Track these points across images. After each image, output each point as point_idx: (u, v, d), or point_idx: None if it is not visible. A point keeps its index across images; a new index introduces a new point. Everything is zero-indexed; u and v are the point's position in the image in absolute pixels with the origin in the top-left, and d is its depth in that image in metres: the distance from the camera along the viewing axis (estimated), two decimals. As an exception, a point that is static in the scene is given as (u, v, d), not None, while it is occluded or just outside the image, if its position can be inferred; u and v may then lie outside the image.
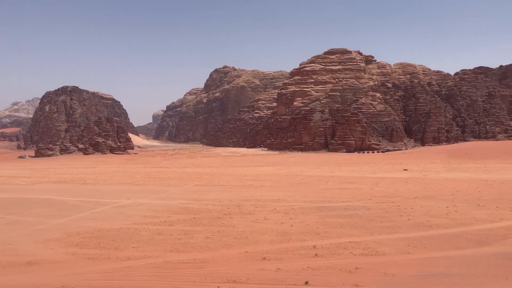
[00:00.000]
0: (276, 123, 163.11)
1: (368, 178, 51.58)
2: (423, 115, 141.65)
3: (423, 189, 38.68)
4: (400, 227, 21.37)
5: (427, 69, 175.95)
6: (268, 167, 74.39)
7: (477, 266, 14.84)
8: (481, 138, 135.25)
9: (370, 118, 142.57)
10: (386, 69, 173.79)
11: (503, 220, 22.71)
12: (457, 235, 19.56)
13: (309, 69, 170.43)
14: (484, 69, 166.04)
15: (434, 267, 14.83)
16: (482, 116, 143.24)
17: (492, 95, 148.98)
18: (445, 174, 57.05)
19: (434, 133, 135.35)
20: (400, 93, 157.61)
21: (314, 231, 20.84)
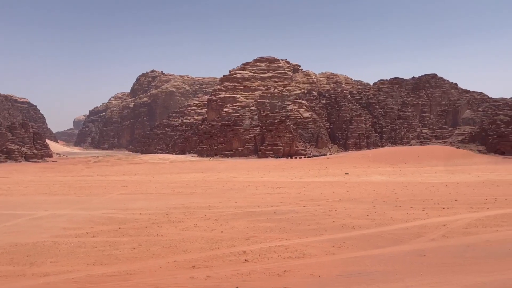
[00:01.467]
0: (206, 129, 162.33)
1: (296, 182, 53.21)
2: (346, 122, 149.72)
3: (346, 192, 40.75)
4: (326, 229, 22.28)
5: (349, 78, 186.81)
6: (198, 174, 73.63)
7: (395, 263, 15.92)
8: (397, 143, 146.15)
9: (297, 125, 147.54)
10: (312, 78, 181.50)
11: (416, 220, 24.66)
12: (376, 235, 20.85)
13: (239, 76, 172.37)
14: (399, 80, 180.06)
15: (356, 266, 15.64)
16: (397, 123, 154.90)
17: (406, 104, 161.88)
18: (365, 177, 60.72)
19: (356, 139, 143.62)
20: (324, 101, 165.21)
21: (244, 236, 20.96)
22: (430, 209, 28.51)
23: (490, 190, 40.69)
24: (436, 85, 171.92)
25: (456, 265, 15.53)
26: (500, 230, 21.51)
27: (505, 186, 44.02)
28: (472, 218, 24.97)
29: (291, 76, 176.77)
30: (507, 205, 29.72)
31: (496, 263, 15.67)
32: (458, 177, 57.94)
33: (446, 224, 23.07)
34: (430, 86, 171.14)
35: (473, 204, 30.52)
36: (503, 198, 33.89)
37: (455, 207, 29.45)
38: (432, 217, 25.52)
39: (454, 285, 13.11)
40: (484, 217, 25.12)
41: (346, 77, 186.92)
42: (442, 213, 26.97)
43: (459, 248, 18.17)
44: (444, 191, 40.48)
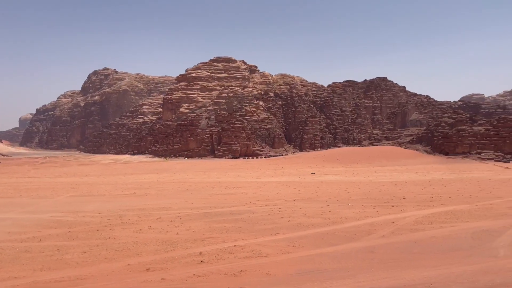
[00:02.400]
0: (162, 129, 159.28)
1: (252, 182, 53.46)
2: (301, 123, 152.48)
3: (301, 191, 41.48)
4: (281, 229, 22.57)
5: (305, 80, 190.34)
6: (153, 175, 72.09)
7: (347, 260, 16.42)
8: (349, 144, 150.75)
9: (254, 125, 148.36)
10: (268, 79, 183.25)
11: (367, 218, 25.56)
12: (330, 233, 21.40)
13: (196, 76, 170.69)
14: (352, 82, 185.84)
15: (311, 264, 15.97)
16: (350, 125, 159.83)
17: (358, 106, 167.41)
18: (320, 177, 62.12)
19: (311, 140, 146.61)
20: (281, 102, 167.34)
21: (200, 237, 20.79)
22: (381, 207, 29.66)
23: (435, 188, 42.98)
24: (387, 88, 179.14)
25: (404, 261, 16.26)
26: (445, 226, 22.77)
27: (449, 185, 46.68)
28: (419, 215, 26.25)
29: (248, 77, 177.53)
30: (450, 203, 31.51)
31: (441, 258, 16.58)
32: (406, 176, 60.69)
33: (395, 222, 24.10)
34: (381, 89, 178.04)
35: (420, 202, 32.10)
36: (447, 196, 35.91)
37: (404, 205, 30.83)
38: (382, 215, 26.57)
39: (402, 280, 13.72)
40: (430, 214, 26.49)
41: (301, 79, 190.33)
42: (392, 211, 28.14)
43: (407, 244, 19.04)
44: (394, 189, 42.26)
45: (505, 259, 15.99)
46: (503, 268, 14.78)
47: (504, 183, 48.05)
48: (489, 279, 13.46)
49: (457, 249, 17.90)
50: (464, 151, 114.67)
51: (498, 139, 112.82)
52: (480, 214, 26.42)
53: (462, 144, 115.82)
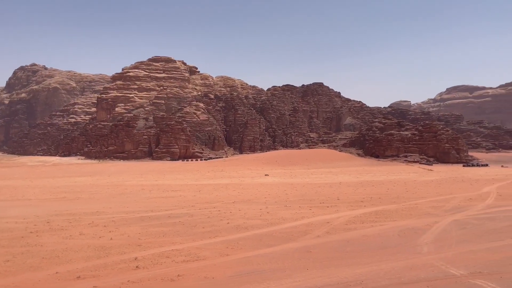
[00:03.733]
0: (96, 129, 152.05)
1: (191, 185, 52.78)
2: (241, 125, 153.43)
3: (241, 193, 41.68)
4: (220, 231, 22.49)
5: (245, 83, 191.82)
6: (86, 178, 68.54)
7: (284, 260, 16.75)
8: (288, 147, 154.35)
9: (194, 127, 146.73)
10: (209, 81, 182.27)
11: (304, 218, 26.28)
12: (268, 234, 21.71)
13: (133, 75, 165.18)
14: (290, 87, 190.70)
15: (249, 265, 16.07)
16: (288, 128, 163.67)
17: (296, 110, 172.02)
18: (259, 179, 62.88)
19: (250, 142, 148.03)
20: (221, 104, 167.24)
21: (136, 242, 20.10)
22: (316, 208, 30.66)
23: (366, 189, 45.30)
24: (323, 93, 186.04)
25: (338, 259, 16.92)
26: (375, 225, 24.05)
27: (379, 186, 49.44)
28: (351, 215, 27.50)
29: (188, 78, 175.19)
30: (380, 203, 33.38)
31: (372, 255, 17.48)
32: (340, 178, 63.36)
33: (329, 222, 25.03)
34: (318, 94, 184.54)
35: (352, 203, 33.64)
36: (377, 196, 37.99)
37: (338, 205, 32.14)
38: (318, 215, 27.47)
39: (336, 278, 14.27)
40: (362, 214, 27.86)
41: (242, 81, 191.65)
42: (327, 211, 29.20)
43: (340, 243, 19.85)
44: (329, 191, 43.91)
45: (428, 255, 17.23)
46: (426, 263, 15.91)
47: (428, 184, 51.84)
48: (414, 274, 14.42)
49: (386, 247, 18.97)
50: (392, 154, 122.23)
51: (422, 143, 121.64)
52: (406, 213, 28.25)
53: (391, 148, 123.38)
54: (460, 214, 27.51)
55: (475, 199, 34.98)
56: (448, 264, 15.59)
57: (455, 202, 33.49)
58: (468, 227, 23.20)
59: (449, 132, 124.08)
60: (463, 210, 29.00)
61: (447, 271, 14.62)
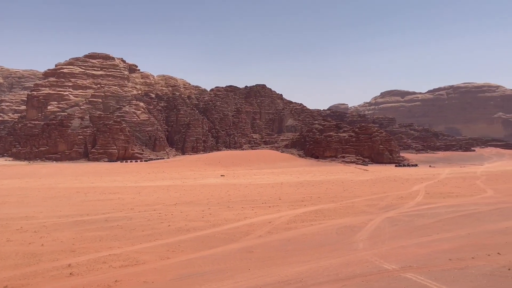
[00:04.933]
0: (26, 129, 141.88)
1: (130, 187, 51.05)
2: (184, 126, 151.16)
3: (182, 195, 41.04)
4: (161, 234, 21.97)
5: (187, 83, 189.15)
6: (14, 180, 63.75)
7: (226, 261, 16.72)
8: (231, 147, 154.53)
9: (134, 127, 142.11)
10: (150, 79, 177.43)
11: (246, 219, 26.44)
12: (210, 236, 21.57)
13: (67, 71, 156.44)
14: (233, 88, 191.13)
15: (190, 268, 15.85)
16: (232, 129, 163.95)
17: (240, 111, 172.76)
18: (201, 180, 62.31)
19: (193, 143, 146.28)
20: (162, 104, 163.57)
21: (70, 248, 19.04)
22: (259, 208, 30.98)
23: (307, 189, 46.59)
24: (265, 95, 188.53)
25: (279, 258, 17.21)
26: (314, 224, 24.78)
27: (318, 186, 51.06)
28: (292, 214, 28.12)
29: (128, 76, 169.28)
30: (319, 202, 34.48)
31: (312, 253, 17.98)
32: (282, 179, 64.59)
33: (271, 222, 25.40)
34: (260, 96, 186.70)
35: (293, 202, 34.43)
36: (316, 196, 39.20)
37: (279, 205, 32.72)
38: (260, 215, 27.77)
39: (277, 276, 14.49)
40: (302, 213, 28.59)
41: (184, 81, 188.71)
42: (269, 211, 29.62)
43: (281, 242, 20.21)
44: (271, 191, 44.58)
45: (364, 251, 18.06)
46: (362, 259, 16.67)
47: (363, 183, 54.40)
48: (351, 270, 15.04)
49: (325, 244, 19.62)
50: (331, 155, 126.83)
51: (359, 144, 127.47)
52: (343, 211, 29.43)
53: (330, 149, 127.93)
54: (392, 211, 29.16)
55: (406, 197, 37.27)
56: (382, 259, 16.44)
57: (388, 200, 35.44)
58: (399, 224, 24.65)
59: (383, 134, 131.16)
60: (395, 208, 30.76)
61: (381, 266, 15.41)
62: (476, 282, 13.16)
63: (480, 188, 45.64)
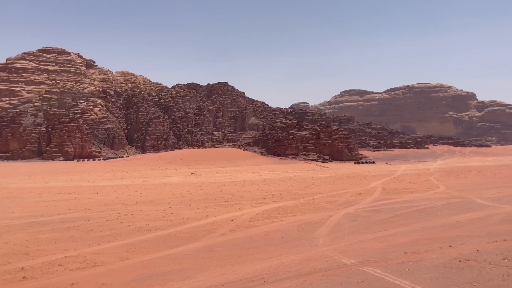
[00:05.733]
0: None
1: (88, 187, 49.42)
2: (144, 123, 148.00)
3: (143, 194, 40.21)
4: (120, 234, 21.44)
5: (148, 80, 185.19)
6: (-41, 181, 59.93)
7: (188, 261, 16.57)
8: (193, 146, 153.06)
9: (91, 125, 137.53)
10: (108, 75, 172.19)
11: (208, 217, 26.31)
12: (172, 235, 21.29)
13: (20, 66, 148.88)
14: (195, 85, 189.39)
15: (151, 268, 15.58)
16: (194, 127, 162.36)
17: (202, 109, 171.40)
18: (163, 179, 61.34)
19: (154, 141, 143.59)
20: (122, 101, 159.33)
21: (23, 251, 18.18)
22: (221, 207, 30.91)
23: (269, 187, 46.98)
24: (228, 93, 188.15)
25: (241, 256, 17.26)
26: (276, 221, 25.05)
27: (280, 183, 51.63)
28: (255, 212, 28.28)
29: (84, 72, 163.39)
30: (281, 199, 34.88)
31: (273, 250, 18.16)
32: (244, 176, 64.76)
33: (234, 219, 25.42)
34: (223, 94, 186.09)
35: (256, 200, 34.62)
36: (278, 193, 39.62)
37: (242, 203, 32.80)
38: (222, 213, 27.72)
39: (239, 274, 14.53)
40: (264, 211, 28.81)
41: (144, 78, 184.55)
42: (231, 209, 29.62)
43: (244, 240, 20.29)
44: (233, 189, 44.58)
45: (324, 247, 18.47)
46: (322, 255, 17.04)
47: (323, 181, 55.56)
48: (311, 266, 15.34)
49: (286, 241, 19.88)
50: (293, 152, 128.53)
51: (319, 142, 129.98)
52: (305, 208, 29.94)
53: (291, 147, 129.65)
54: (351, 207, 29.98)
55: (364, 194, 38.45)
56: (341, 254, 16.89)
57: (347, 196, 36.41)
58: (358, 219, 25.39)
59: (343, 132, 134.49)
60: (354, 204, 31.66)
61: (340, 261, 15.82)
62: (429, 274, 13.80)
63: (433, 184, 47.81)
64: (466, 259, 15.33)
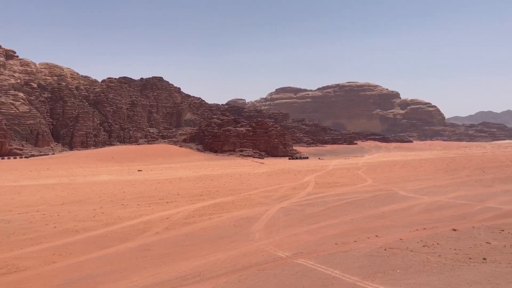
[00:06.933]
0: None
1: (8, 187, 45.68)
2: (72, 119, 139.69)
3: (71, 194, 38.06)
4: (46, 237, 20.14)
5: (75, 73, 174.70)
6: None
7: (120, 261, 16.00)
8: (125, 142, 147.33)
9: (12, 120, 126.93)
10: (31, 67, 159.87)
11: (142, 216, 25.57)
12: (103, 236, 20.40)
13: None
14: (128, 79, 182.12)
15: (80, 271, 14.84)
16: (126, 122, 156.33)
17: (135, 103, 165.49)
18: (93, 177, 58.44)
19: (83, 138, 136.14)
20: (46, 95, 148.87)
21: None
22: (156, 205, 30.19)
23: (206, 183, 46.71)
24: (163, 88, 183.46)
25: (177, 254, 17.02)
26: (213, 217, 25.00)
27: (217, 180, 51.54)
28: (191, 209, 27.98)
29: (4, 63, 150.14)
30: (218, 196, 34.86)
31: (210, 247, 18.13)
32: (180, 173, 63.73)
33: (169, 217, 24.96)
34: (157, 89, 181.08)
35: (192, 197, 34.26)
36: (215, 190, 39.54)
37: (177, 200, 32.29)
38: (157, 212, 27.08)
39: (174, 273, 14.32)
40: (201, 208, 28.63)
41: (72, 71, 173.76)
42: (166, 207, 29.04)
43: (179, 238, 20.01)
44: (169, 186, 43.70)
45: (260, 241, 18.80)
46: (258, 249, 17.33)
47: (260, 176, 56.40)
48: (247, 260, 15.54)
49: (223, 237, 19.94)
50: (229, 149, 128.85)
51: (255, 138, 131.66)
52: (241, 204, 30.20)
53: (228, 143, 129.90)
54: (286, 202, 30.79)
55: (298, 188, 39.66)
56: (276, 247, 17.30)
57: (282, 191, 37.32)
58: (292, 213, 26.15)
59: (278, 129, 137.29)
60: (288, 199, 32.54)
61: (275, 254, 16.21)
62: (358, 263, 14.61)
63: (361, 177, 50.56)
64: (390, 248, 16.45)
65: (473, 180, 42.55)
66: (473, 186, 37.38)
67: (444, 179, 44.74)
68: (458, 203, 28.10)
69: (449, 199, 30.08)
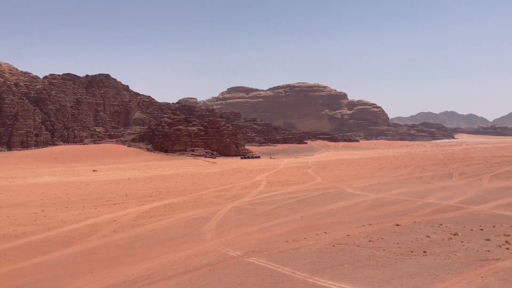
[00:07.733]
0: None
1: None
2: (10, 117, 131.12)
3: (9, 197, 35.78)
4: (-20, 244, 18.77)
5: (14, 68, 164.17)
6: None
7: (64, 266, 15.28)
8: (70, 142, 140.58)
9: None
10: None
11: (88, 219, 24.56)
12: (45, 240, 19.38)
13: None
14: (72, 76, 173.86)
15: (21, 278, 14.02)
16: (71, 121, 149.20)
17: (80, 101, 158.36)
18: (33, 179, 55.30)
19: (23, 137, 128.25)
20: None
21: None
22: (103, 207, 29.11)
23: (156, 184, 45.70)
24: (110, 86, 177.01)
25: (125, 257, 16.52)
26: (163, 218, 24.53)
27: (168, 180, 50.60)
28: (140, 210, 27.27)
29: None
30: (169, 196, 34.24)
31: (160, 248, 17.77)
32: (129, 174, 61.86)
33: (117, 220, 24.17)
34: (104, 86, 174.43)
35: (141, 198, 33.39)
36: (165, 190, 38.80)
37: (126, 202, 31.33)
38: (104, 214, 26.13)
39: (123, 276, 13.89)
40: (150, 209, 27.98)
41: (10, 66, 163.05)
42: (114, 209, 28.09)
43: (128, 240, 19.44)
44: (116, 188, 42.29)
45: (211, 241, 18.70)
46: (210, 249, 17.23)
47: (211, 176, 56.08)
48: (198, 261, 15.40)
49: (174, 238, 19.62)
50: (181, 148, 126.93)
51: (207, 138, 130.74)
52: (193, 204, 29.88)
53: (179, 142, 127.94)
54: (238, 201, 30.86)
55: (250, 187, 39.89)
56: (228, 247, 17.30)
57: (234, 191, 37.36)
58: (244, 212, 26.26)
59: (230, 128, 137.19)
60: (240, 198, 32.63)
61: (227, 254, 16.20)
62: (308, 260, 14.96)
63: (311, 176, 51.78)
64: (338, 244, 17.00)
65: (415, 177, 44.97)
66: (414, 183, 39.50)
67: (388, 177, 46.91)
68: (401, 199, 29.59)
69: (392, 195, 31.57)
